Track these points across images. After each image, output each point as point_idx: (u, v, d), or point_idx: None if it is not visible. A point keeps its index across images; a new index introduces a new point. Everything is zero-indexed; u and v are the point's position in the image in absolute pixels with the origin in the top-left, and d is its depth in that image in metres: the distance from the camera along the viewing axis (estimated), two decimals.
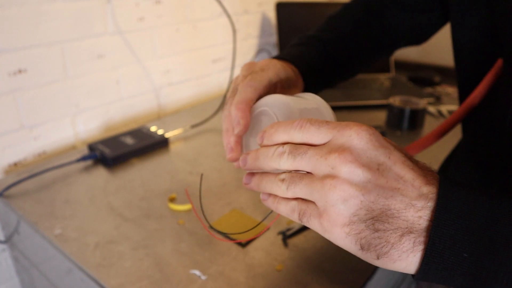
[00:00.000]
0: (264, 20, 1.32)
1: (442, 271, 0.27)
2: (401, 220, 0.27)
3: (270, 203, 0.34)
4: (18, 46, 0.77)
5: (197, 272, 0.54)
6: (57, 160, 0.81)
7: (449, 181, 0.28)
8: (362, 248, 0.28)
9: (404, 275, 0.73)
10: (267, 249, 0.59)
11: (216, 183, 0.74)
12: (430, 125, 1.00)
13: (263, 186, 0.34)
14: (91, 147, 0.82)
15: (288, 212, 0.32)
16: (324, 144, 0.30)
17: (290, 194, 0.31)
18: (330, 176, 0.28)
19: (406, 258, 0.28)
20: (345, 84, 1.22)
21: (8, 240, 0.77)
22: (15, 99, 0.79)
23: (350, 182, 0.28)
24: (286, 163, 0.31)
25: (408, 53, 1.49)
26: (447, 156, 0.66)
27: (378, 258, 0.28)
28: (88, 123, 0.93)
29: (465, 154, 0.57)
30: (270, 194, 0.34)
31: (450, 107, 1.09)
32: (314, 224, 0.30)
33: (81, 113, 0.91)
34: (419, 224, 0.27)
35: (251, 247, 0.59)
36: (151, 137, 0.87)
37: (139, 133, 0.89)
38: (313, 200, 0.30)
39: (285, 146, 0.32)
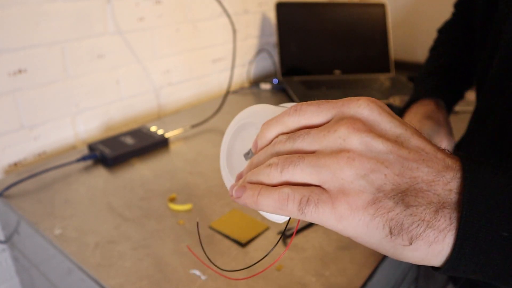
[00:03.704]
0: (264, 20, 1.32)
1: (479, 255, 0.23)
2: (432, 194, 0.23)
3: (247, 198, 0.26)
4: (18, 46, 0.77)
5: (197, 272, 0.54)
6: (57, 160, 0.81)
7: (470, 156, 0.25)
8: (391, 232, 0.23)
9: (404, 275, 0.73)
10: (267, 249, 0.58)
11: (216, 183, 0.74)
12: None
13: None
14: (91, 147, 0.82)
15: (280, 204, 0.25)
16: (327, 121, 0.26)
17: (286, 178, 0.25)
18: (345, 150, 0.24)
19: (443, 240, 0.23)
20: (345, 84, 1.23)
21: (8, 240, 0.77)
22: (15, 99, 0.79)
23: (369, 154, 0.24)
24: (283, 148, 0.26)
25: (408, 53, 1.49)
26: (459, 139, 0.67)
27: (410, 243, 0.23)
28: (88, 123, 0.93)
29: (477, 125, 0.58)
30: (247, 188, 0.27)
31: None
32: (323, 213, 0.24)
33: (81, 113, 0.91)
34: (451, 198, 0.23)
35: (251, 247, 0.59)
36: (151, 137, 0.87)
37: (139, 133, 0.89)
38: (319, 183, 0.24)
39: (280, 136, 0.27)
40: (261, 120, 0.30)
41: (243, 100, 1.15)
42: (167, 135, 0.89)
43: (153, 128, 0.91)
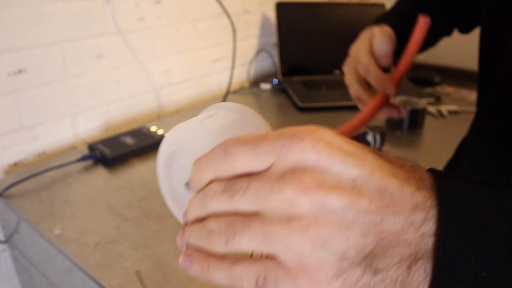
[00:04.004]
0: (264, 20, 1.32)
1: None
2: (402, 247, 0.21)
3: (197, 272, 0.23)
4: (18, 46, 0.77)
5: None
6: (57, 160, 0.81)
7: (445, 177, 0.22)
8: None
9: None
10: None
11: None
12: (430, 125, 1.00)
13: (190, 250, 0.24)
14: (91, 147, 0.82)
15: (235, 282, 0.22)
16: (268, 168, 0.22)
17: (233, 249, 0.22)
18: (295, 217, 0.21)
19: None
20: (345, 84, 1.22)
21: (8, 240, 0.77)
22: (15, 99, 0.79)
23: (324, 218, 0.20)
24: (220, 205, 0.23)
25: None
26: (459, 143, 0.64)
27: None
28: (88, 123, 0.93)
29: (480, 136, 0.53)
30: (195, 259, 0.24)
31: (450, 107, 1.09)
32: None
33: (81, 113, 0.91)
34: (424, 245, 0.20)
35: None
36: (151, 137, 0.87)
37: (139, 133, 0.89)
38: (273, 254, 0.21)
39: (215, 183, 0.24)
40: (188, 145, 0.28)
41: (243, 100, 1.15)
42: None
43: (153, 128, 0.91)
